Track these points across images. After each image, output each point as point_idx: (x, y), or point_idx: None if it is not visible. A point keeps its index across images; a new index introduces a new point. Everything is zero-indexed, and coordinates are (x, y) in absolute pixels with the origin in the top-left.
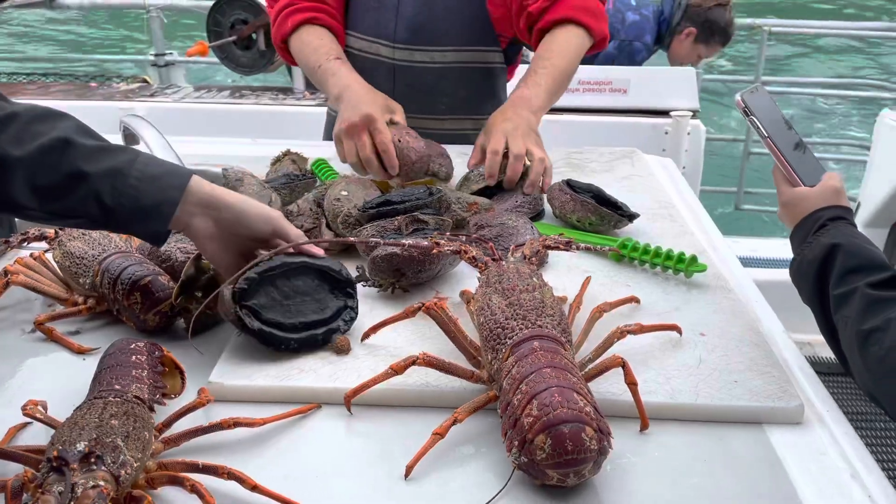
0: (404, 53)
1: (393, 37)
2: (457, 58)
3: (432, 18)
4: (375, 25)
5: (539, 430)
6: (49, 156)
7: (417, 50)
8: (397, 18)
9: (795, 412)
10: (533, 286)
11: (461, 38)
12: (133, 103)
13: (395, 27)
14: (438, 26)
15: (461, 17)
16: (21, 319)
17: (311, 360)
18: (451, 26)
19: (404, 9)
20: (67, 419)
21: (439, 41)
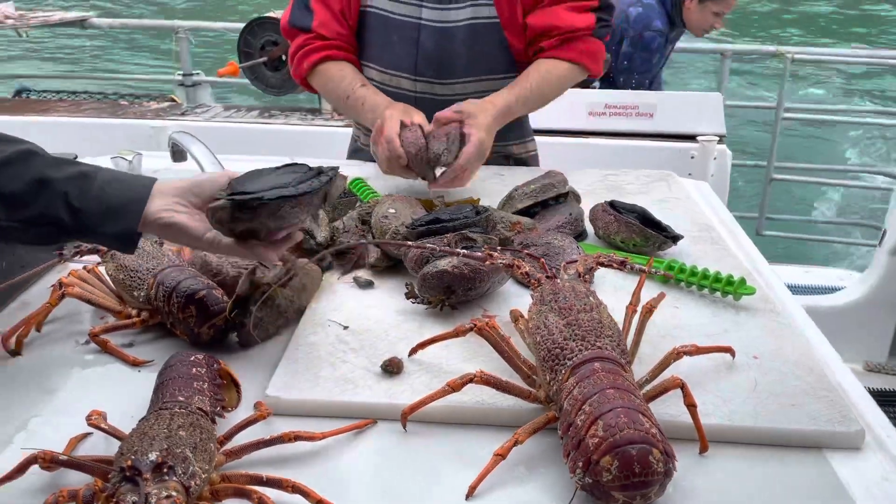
0: (425, 86)
1: (414, 70)
2: (477, 88)
3: (452, 53)
4: (396, 59)
5: (605, 451)
6: (13, 166)
7: (438, 83)
8: (418, 52)
9: (856, 437)
10: (590, 306)
11: (480, 69)
12: (165, 122)
13: (415, 61)
14: (458, 60)
15: (480, 50)
16: (73, 331)
17: (366, 375)
18: (470, 59)
19: (424, 43)
20: (135, 430)
21: (459, 74)
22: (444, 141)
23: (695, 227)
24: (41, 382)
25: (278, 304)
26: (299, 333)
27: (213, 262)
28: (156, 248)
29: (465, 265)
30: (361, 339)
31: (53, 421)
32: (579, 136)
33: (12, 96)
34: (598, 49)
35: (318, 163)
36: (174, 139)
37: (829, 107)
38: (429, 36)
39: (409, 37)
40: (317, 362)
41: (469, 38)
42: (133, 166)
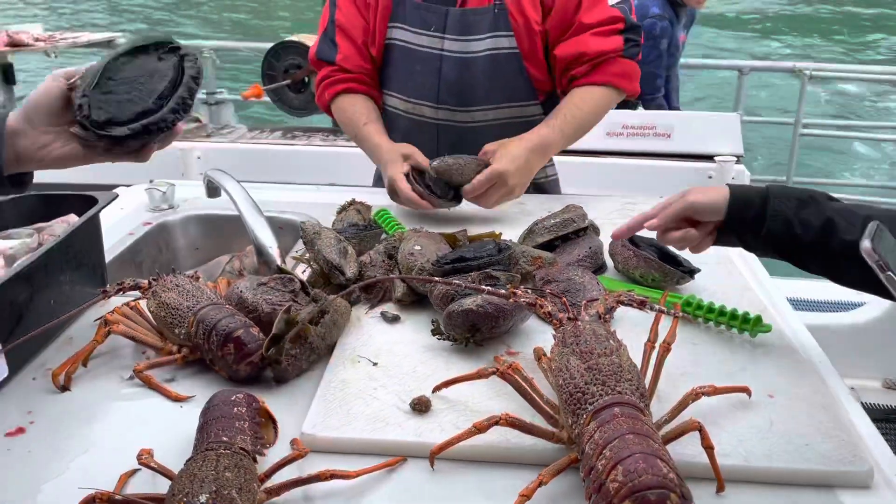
0: (447, 113)
1: (436, 99)
2: (497, 115)
3: (472, 82)
4: (420, 88)
5: (625, 495)
6: None
7: (459, 111)
8: (440, 82)
9: (866, 476)
10: (610, 349)
11: (500, 97)
12: (192, 143)
13: (437, 90)
14: (478, 88)
15: (499, 79)
16: (117, 365)
17: (396, 413)
18: (490, 88)
19: (446, 73)
20: (184, 470)
21: (480, 102)
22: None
23: (712, 257)
24: (89, 417)
25: (311, 342)
26: (331, 369)
27: (248, 299)
28: (195, 285)
29: (490, 303)
30: (390, 376)
31: (103, 457)
32: (598, 157)
33: None
34: (630, 69)
35: (349, 190)
36: (209, 176)
37: (846, 122)
38: (450, 66)
39: (432, 67)
40: (349, 400)
41: (489, 67)
42: (167, 196)
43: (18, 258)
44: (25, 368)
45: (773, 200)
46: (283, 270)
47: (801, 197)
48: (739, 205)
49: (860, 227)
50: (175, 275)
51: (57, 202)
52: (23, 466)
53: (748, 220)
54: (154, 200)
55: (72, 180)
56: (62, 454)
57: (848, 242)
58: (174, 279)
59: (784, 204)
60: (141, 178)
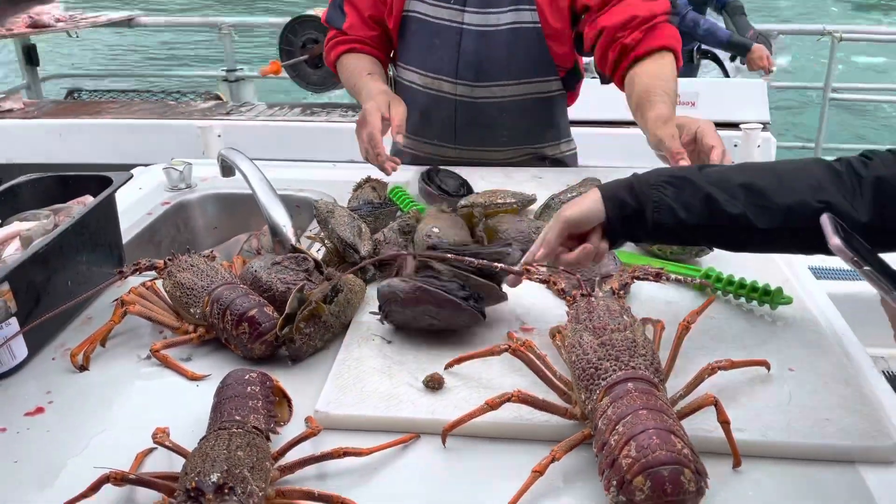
0: (465, 89)
1: (455, 74)
2: (516, 91)
3: (491, 56)
4: (438, 62)
5: (638, 471)
6: None
7: (478, 86)
8: (459, 56)
9: (890, 451)
10: (624, 325)
11: (520, 72)
12: (211, 122)
13: (456, 65)
14: (498, 63)
15: (520, 54)
16: (135, 345)
17: (409, 391)
18: (510, 63)
19: (465, 47)
20: (197, 449)
21: (499, 77)
22: None
23: None
24: (108, 397)
25: (324, 320)
26: (345, 347)
27: (262, 278)
28: (209, 265)
29: (506, 272)
30: (404, 353)
31: (120, 435)
32: (622, 127)
33: (65, 97)
34: (677, 33)
35: (361, 166)
36: (223, 156)
37: (877, 86)
38: (470, 40)
39: (451, 41)
40: (362, 377)
41: (510, 41)
42: (184, 176)
43: (35, 240)
44: (44, 349)
45: (646, 190)
46: (298, 249)
47: (674, 180)
48: (614, 204)
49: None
50: (190, 255)
51: (73, 183)
52: (42, 445)
53: (629, 217)
54: (172, 180)
55: (92, 160)
56: (81, 433)
57: (733, 216)
58: (189, 259)
59: (660, 191)
60: (161, 157)
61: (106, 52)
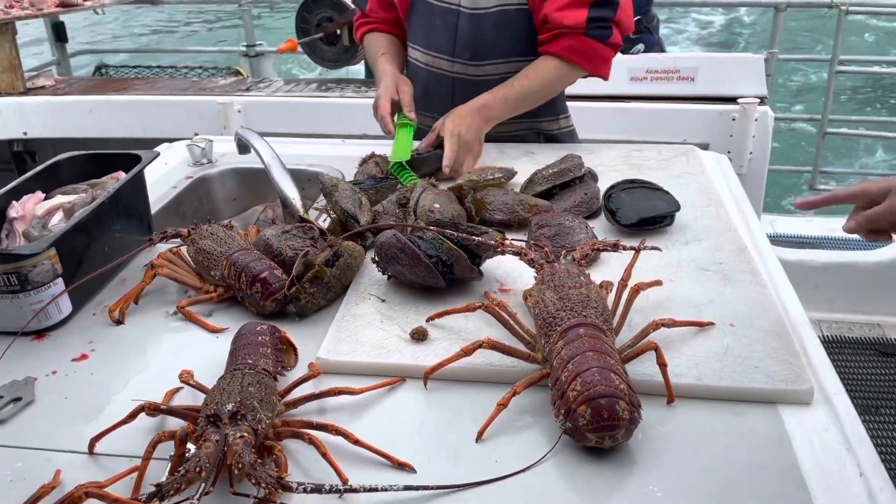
0: (461, 67)
1: (452, 53)
2: (506, 69)
3: (483, 36)
4: (438, 42)
5: (581, 402)
6: None
7: (472, 64)
8: (456, 36)
9: (806, 394)
10: (580, 283)
11: (508, 51)
12: (231, 98)
13: (453, 45)
14: (488, 44)
15: (508, 34)
16: (163, 301)
17: (398, 342)
18: (500, 42)
19: (462, 27)
20: (215, 386)
21: (489, 56)
22: None
23: (705, 200)
24: (141, 346)
25: (326, 282)
26: (345, 305)
27: (273, 244)
28: (227, 233)
29: (483, 245)
30: (395, 311)
31: (152, 378)
32: (621, 101)
33: (93, 73)
34: (590, 48)
35: (368, 142)
36: (239, 135)
37: (887, 58)
38: (465, 21)
39: (450, 22)
40: (358, 330)
41: (498, 23)
42: (206, 152)
43: (76, 211)
44: (86, 305)
45: None
46: (305, 220)
47: None
48: None
49: None
50: (210, 224)
51: (107, 160)
52: (87, 385)
53: None
54: (194, 156)
55: (119, 134)
56: (119, 376)
57: None
58: (209, 228)
59: None
60: (185, 132)
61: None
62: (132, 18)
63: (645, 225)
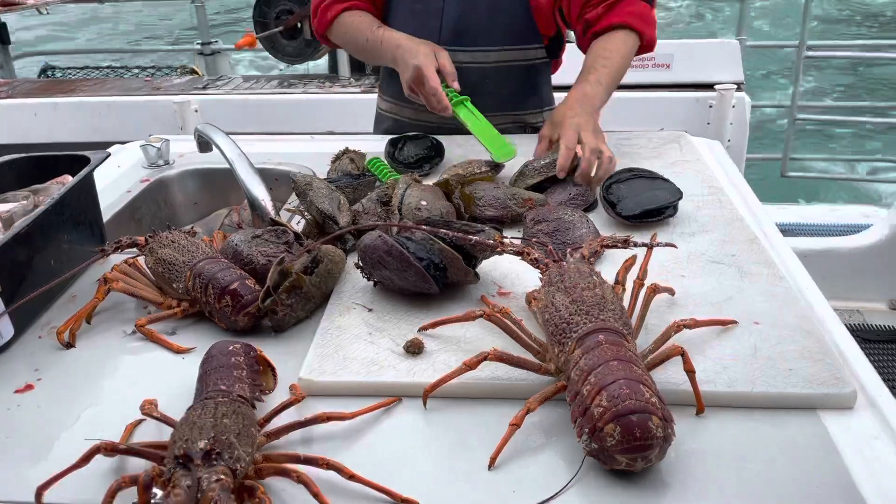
0: (449, 55)
1: (437, 38)
2: (499, 57)
3: (475, 21)
4: (420, 27)
5: (609, 419)
6: None
7: (461, 51)
8: (442, 21)
9: (849, 398)
10: (594, 283)
11: (504, 38)
12: (188, 97)
13: (439, 29)
14: (481, 28)
15: (504, 19)
16: (120, 319)
17: (391, 356)
18: (493, 28)
19: (448, 11)
20: (184, 419)
21: (482, 42)
22: None
23: (704, 189)
24: (95, 373)
25: (306, 291)
26: (327, 316)
27: (243, 251)
28: (190, 240)
29: (481, 244)
30: (385, 321)
31: (109, 409)
32: None
33: (38, 75)
34: (645, 11)
35: (344, 138)
36: (200, 131)
37: (855, 42)
38: (452, 5)
39: (434, 6)
40: (344, 345)
41: (491, 6)
42: (162, 152)
43: (17, 220)
44: (31, 327)
45: None
46: (277, 222)
47: None
48: None
49: None
50: (171, 231)
51: (50, 163)
52: (33, 421)
53: None
54: (150, 157)
55: (68, 139)
56: (70, 408)
57: None
58: (170, 235)
59: None
60: (139, 135)
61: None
62: (80, 19)
63: (648, 217)
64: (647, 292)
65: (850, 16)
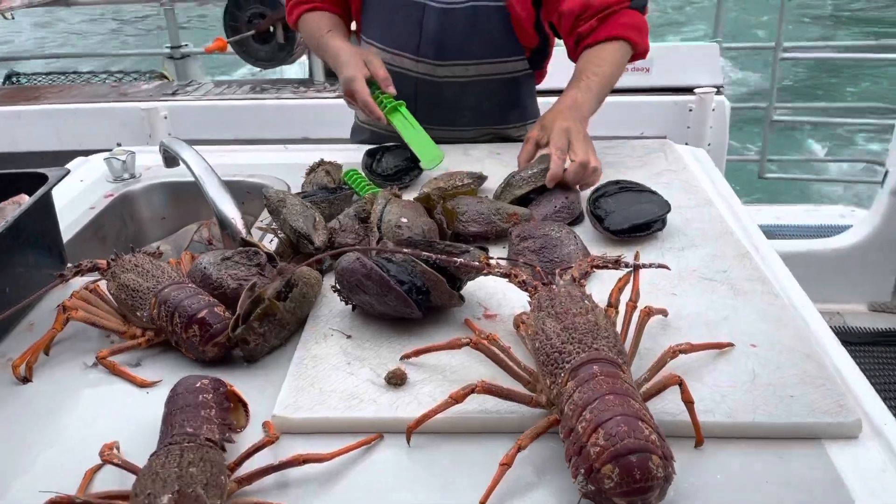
0: (427, 67)
1: (416, 51)
2: (479, 71)
3: (455, 34)
4: (399, 38)
5: (607, 459)
6: None
7: (440, 65)
8: (421, 33)
9: (854, 427)
10: (586, 309)
11: (483, 52)
12: (156, 103)
13: (419, 41)
14: (460, 42)
15: (483, 32)
16: (81, 349)
17: (371, 388)
18: (471, 42)
19: (428, 23)
20: (147, 468)
21: (461, 56)
22: None
23: (692, 201)
24: (53, 410)
25: (280, 318)
26: (303, 345)
27: (212, 275)
28: (155, 264)
29: (466, 266)
30: (364, 349)
31: (67, 452)
32: None
33: (2, 82)
34: (639, 22)
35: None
36: (165, 145)
37: (831, 43)
38: (433, 17)
39: (413, 17)
40: (321, 377)
41: (471, 20)
42: (128, 165)
43: None
44: None
45: None
46: (248, 242)
47: None
48: None
49: None
50: (134, 254)
51: (5, 182)
52: None
53: None
54: (115, 170)
55: (32, 148)
56: (26, 450)
57: None
58: (133, 259)
59: None
60: (106, 143)
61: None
62: (46, 23)
63: (636, 231)
64: (640, 316)
65: None
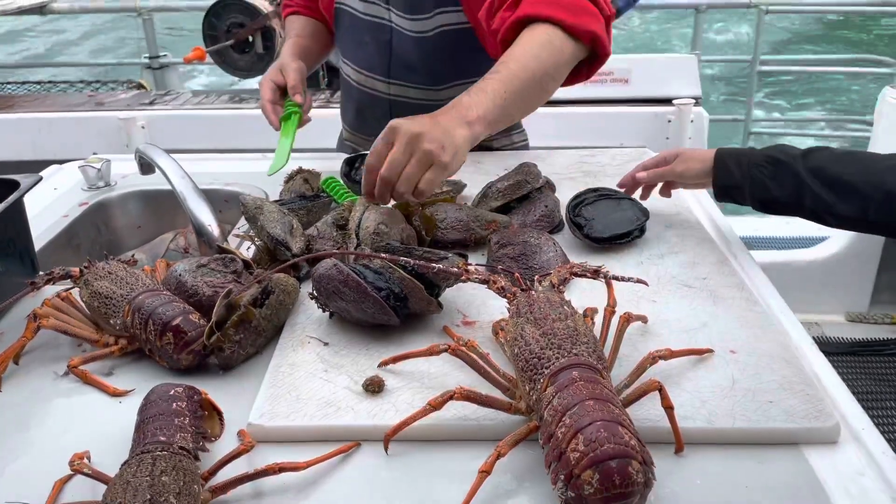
0: (399, 89)
1: (388, 73)
2: (452, 94)
3: (424, 57)
4: (370, 60)
5: (586, 465)
6: None
7: (412, 87)
8: (391, 56)
9: (832, 431)
10: (565, 314)
11: (458, 74)
12: (134, 113)
13: (388, 64)
14: (432, 67)
15: (455, 56)
16: (53, 357)
17: (349, 396)
18: (444, 66)
19: (398, 48)
20: (118, 477)
21: (433, 80)
22: None
23: (672, 208)
24: (23, 420)
25: (255, 325)
26: (279, 352)
27: (187, 282)
28: (129, 271)
29: (444, 273)
30: (342, 356)
31: (37, 462)
32: (554, 106)
33: None
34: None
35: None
36: (141, 152)
37: (806, 57)
38: (401, 42)
39: (382, 39)
40: (298, 384)
41: (441, 45)
42: (103, 173)
43: None
44: None
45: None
46: (225, 250)
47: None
48: (722, 174)
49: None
50: (108, 261)
51: None
52: None
53: (732, 187)
54: (89, 178)
55: (7, 156)
56: None
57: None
58: (106, 266)
59: (759, 169)
60: (82, 153)
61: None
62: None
63: (616, 239)
64: (620, 322)
65: None
